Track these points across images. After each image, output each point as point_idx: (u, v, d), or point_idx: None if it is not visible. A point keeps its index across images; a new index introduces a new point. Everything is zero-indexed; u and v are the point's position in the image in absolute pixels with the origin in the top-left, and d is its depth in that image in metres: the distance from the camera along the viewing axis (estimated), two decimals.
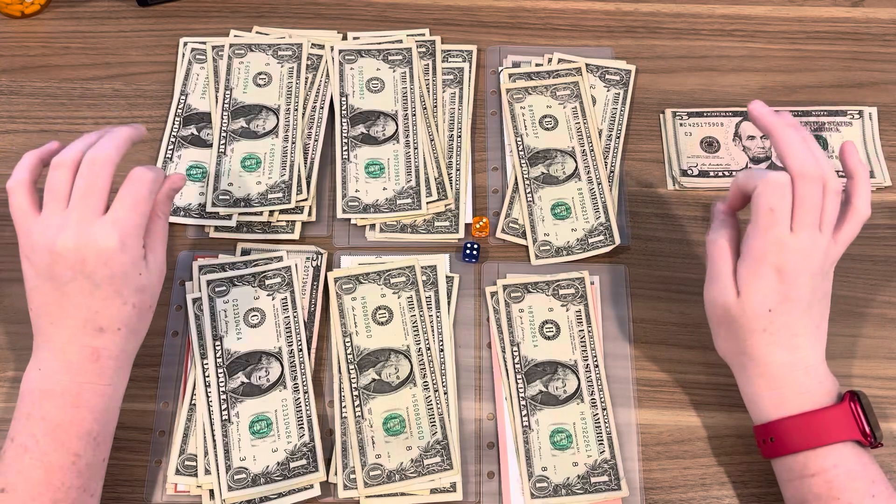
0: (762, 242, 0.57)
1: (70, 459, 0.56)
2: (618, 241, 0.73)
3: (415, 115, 0.77)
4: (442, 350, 0.69)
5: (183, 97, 0.79)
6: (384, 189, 0.74)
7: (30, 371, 0.58)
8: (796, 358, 0.59)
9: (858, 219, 0.59)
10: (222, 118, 0.77)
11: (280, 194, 0.74)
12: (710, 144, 0.78)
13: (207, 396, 0.66)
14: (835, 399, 0.59)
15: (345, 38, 0.82)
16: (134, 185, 0.58)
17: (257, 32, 0.82)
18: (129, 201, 0.58)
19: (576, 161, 0.76)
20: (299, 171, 0.75)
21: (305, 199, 0.74)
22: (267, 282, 0.70)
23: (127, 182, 0.59)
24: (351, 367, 0.68)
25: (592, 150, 0.77)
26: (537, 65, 0.81)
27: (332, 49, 0.80)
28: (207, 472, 0.64)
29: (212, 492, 0.64)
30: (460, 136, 0.78)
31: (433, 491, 0.65)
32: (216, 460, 0.64)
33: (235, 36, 0.82)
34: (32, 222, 0.58)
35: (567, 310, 0.70)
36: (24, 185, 0.58)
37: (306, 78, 0.79)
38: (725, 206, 0.62)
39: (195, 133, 0.77)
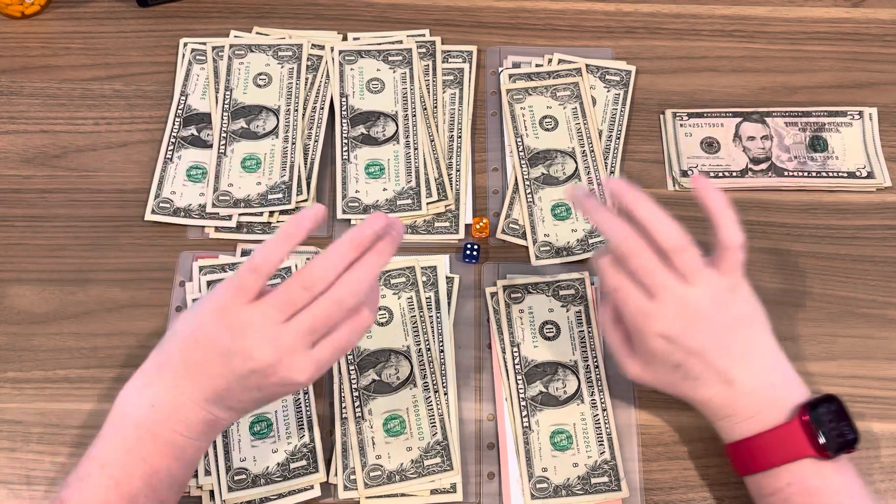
0: (630, 317, 0.58)
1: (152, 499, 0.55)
2: None
3: (415, 115, 0.77)
4: (442, 351, 0.69)
5: (183, 98, 0.79)
6: (384, 190, 0.75)
7: (135, 399, 0.55)
8: (735, 388, 0.58)
9: (733, 249, 0.57)
10: (222, 119, 0.77)
11: (280, 195, 0.74)
12: (710, 145, 0.78)
13: None
14: (790, 414, 0.57)
15: (345, 38, 0.82)
16: (352, 335, 0.55)
17: (257, 33, 0.82)
18: (340, 346, 0.55)
19: (576, 162, 0.76)
20: (299, 171, 0.75)
21: (305, 200, 0.74)
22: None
23: (349, 325, 0.55)
24: (351, 367, 0.68)
25: (592, 151, 0.77)
26: (537, 65, 0.81)
27: (332, 50, 0.80)
28: (207, 472, 0.64)
29: (212, 492, 0.64)
30: (460, 137, 0.78)
31: (433, 492, 0.65)
32: (216, 461, 0.64)
33: (235, 36, 0.82)
34: (245, 304, 0.53)
35: (567, 310, 0.70)
36: (264, 271, 0.54)
37: (306, 79, 0.79)
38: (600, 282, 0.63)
39: (195, 134, 0.77)
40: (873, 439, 0.66)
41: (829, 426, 0.56)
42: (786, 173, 0.76)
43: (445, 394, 0.67)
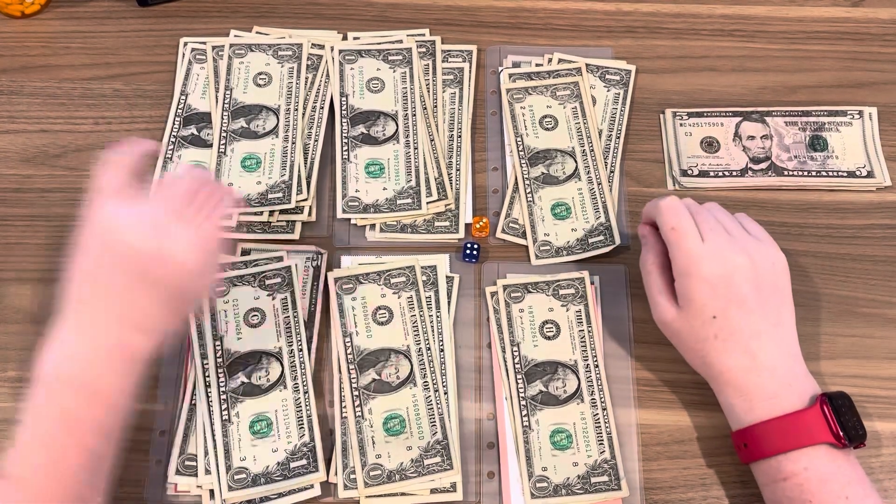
0: (680, 258, 0.60)
1: (85, 455, 0.55)
2: (618, 241, 0.73)
3: (415, 115, 0.77)
4: (442, 350, 0.69)
5: (183, 97, 0.79)
6: (384, 189, 0.75)
7: (52, 353, 0.55)
8: (757, 362, 0.59)
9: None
10: (222, 118, 0.77)
11: (280, 194, 0.74)
12: (710, 144, 0.78)
13: (207, 396, 0.66)
14: (807, 402, 0.59)
15: (345, 38, 0.82)
16: (220, 207, 0.58)
17: (257, 32, 0.82)
18: (216, 219, 0.58)
19: (576, 161, 0.76)
20: (299, 171, 0.75)
21: (305, 199, 0.74)
22: (267, 282, 0.70)
23: (215, 199, 0.58)
24: (351, 367, 0.68)
25: (592, 150, 0.77)
26: (537, 65, 0.81)
27: (332, 49, 0.80)
28: (207, 472, 0.64)
29: (212, 492, 0.64)
30: (460, 136, 0.78)
31: (433, 491, 0.65)
32: (216, 460, 0.64)
33: (235, 36, 0.82)
34: (118, 203, 0.56)
35: (567, 310, 0.70)
36: (124, 165, 0.58)
37: (306, 78, 0.79)
38: (646, 227, 0.65)
39: (195, 133, 0.77)
40: (875, 438, 0.66)
41: (844, 417, 0.58)
42: (786, 173, 0.76)
43: (445, 393, 0.67)
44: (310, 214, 0.74)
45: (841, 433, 0.57)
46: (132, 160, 0.59)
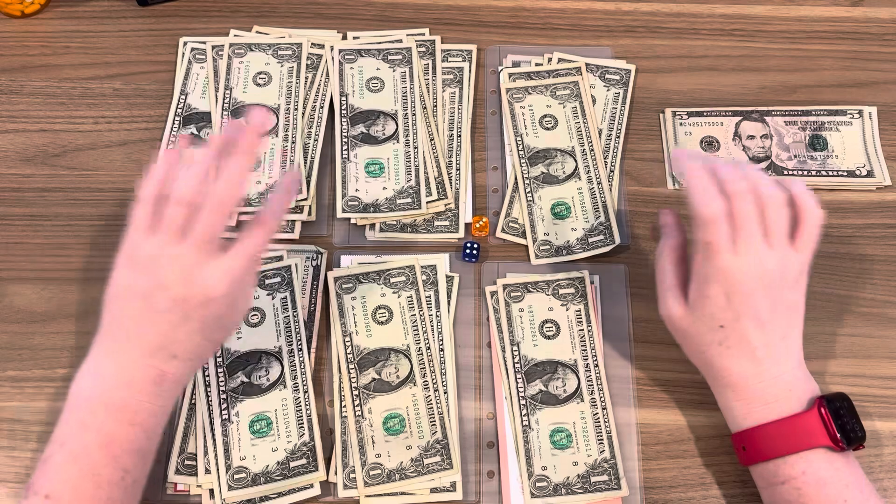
0: (707, 269, 0.57)
1: (119, 475, 0.55)
2: (618, 240, 0.73)
3: (415, 114, 0.77)
4: (442, 349, 0.69)
5: (183, 97, 0.79)
6: (384, 188, 0.75)
7: (86, 375, 0.56)
8: (761, 369, 0.59)
9: (811, 221, 0.57)
10: (222, 118, 0.77)
11: None
12: (709, 144, 0.78)
13: (207, 396, 0.66)
14: (806, 405, 0.58)
15: (345, 37, 0.82)
16: (256, 239, 0.57)
17: (257, 32, 0.82)
18: (248, 252, 0.56)
19: (576, 161, 0.76)
20: (299, 170, 0.75)
21: (305, 199, 0.74)
22: (267, 281, 0.70)
23: (251, 230, 0.57)
24: (351, 366, 0.68)
25: (592, 150, 0.77)
26: (537, 64, 0.81)
27: (331, 49, 0.80)
28: (207, 471, 0.64)
29: (212, 491, 0.64)
30: (460, 136, 0.78)
31: (433, 490, 0.65)
32: (216, 460, 0.64)
33: (235, 36, 0.82)
34: (144, 239, 0.56)
35: (567, 309, 0.70)
36: (151, 201, 0.56)
37: (306, 77, 0.79)
38: (670, 216, 0.63)
39: (195, 133, 0.77)
40: (875, 438, 0.66)
41: (843, 420, 0.57)
42: (785, 172, 0.76)
43: (445, 392, 0.67)
44: (310, 214, 0.74)
45: (839, 436, 0.57)
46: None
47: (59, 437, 0.56)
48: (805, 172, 0.76)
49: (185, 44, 0.81)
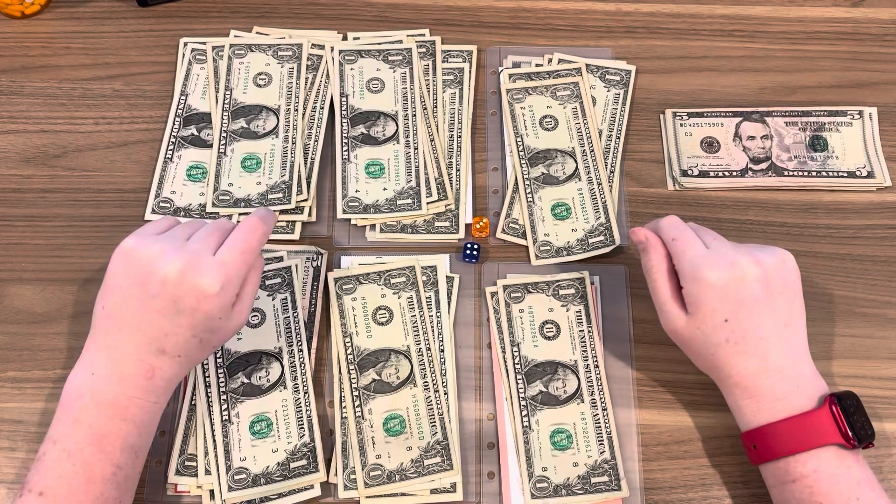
0: (686, 265, 0.59)
1: (111, 470, 0.56)
2: (618, 241, 0.73)
3: (415, 115, 0.77)
4: (442, 350, 0.69)
5: (183, 97, 0.79)
6: (384, 189, 0.75)
7: (79, 373, 0.57)
8: (767, 364, 0.59)
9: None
10: (222, 118, 0.77)
11: (280, 195, 0.74)
12: (710, 145, 0.78)
13: (208, 396, 0.66)
14: (816, 403, 0.58)
15: (345, 38, 0.82)
16: (246, 233, 0.59)
17: (257, 33, 0.82)
18: (240, 247, 0.58)
19: (576, 161, 0.76)
20: (299, 171, 0.75)
21: (305, 200, 0.74)
22: (267, 282, 0.70)
23: (241, 227, 0.60)
24: (351, 367, 0.68)
25: (592, 151, 0.77)
26: (537, 65, 0.81)
27: (332, 49, 0.80)
28: (208, 472, 0.64)
29: (212, 492, 0.64)
30: (460, 137, 0.78)
31: (433, 491, 0.65)
32: (216, 460, 0.64)
33: (235, 36, 0.82)
34: (146, 241, 0.58)
35: (567, 310, 0.70)
36: (165, 222, 0.62)
37: (306, 78, 0.79)
38: (643, 231, 0.64)
39: (195, 133, 0.77)
40: (882, 438, 0.66)
41: (854, 417, 0.57)
42: (786, 173, 0.76)
43: (445, 393, 0.67)
44: (310, 215, 0.74)
45: (850, 434, 0.57)
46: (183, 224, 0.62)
47: (52, 434, 0.56)
48: (805, 173, 0.76)
49: (185, 44, 0.81)
